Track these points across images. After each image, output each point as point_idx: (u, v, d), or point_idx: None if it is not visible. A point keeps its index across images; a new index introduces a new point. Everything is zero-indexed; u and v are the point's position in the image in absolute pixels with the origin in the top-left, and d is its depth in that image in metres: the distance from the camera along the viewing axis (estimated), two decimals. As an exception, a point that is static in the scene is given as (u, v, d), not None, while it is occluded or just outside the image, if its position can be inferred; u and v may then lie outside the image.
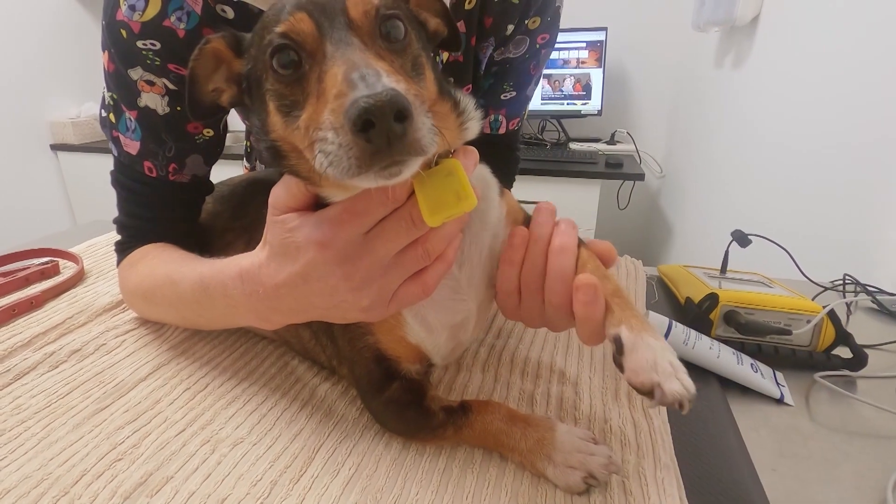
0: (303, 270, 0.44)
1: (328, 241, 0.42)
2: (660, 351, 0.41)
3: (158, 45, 0.58)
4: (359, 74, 0.34)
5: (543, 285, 0.48)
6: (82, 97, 2.88)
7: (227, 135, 0.73)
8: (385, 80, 0.33)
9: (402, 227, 0.42)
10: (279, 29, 0.39)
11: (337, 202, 0.44)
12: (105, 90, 0.65)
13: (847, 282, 0.83)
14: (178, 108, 0.63)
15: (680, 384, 0.39)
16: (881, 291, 0.80)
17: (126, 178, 0.67)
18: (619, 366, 0.42)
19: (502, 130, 0.86)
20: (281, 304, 0.48)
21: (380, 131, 0.32)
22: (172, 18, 0.57)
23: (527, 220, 0.56)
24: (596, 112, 2.46)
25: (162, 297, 0.63)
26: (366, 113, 0.31)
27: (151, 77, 0.60)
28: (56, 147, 2.82)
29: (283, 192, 0.45)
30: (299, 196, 0.45)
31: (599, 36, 2.39)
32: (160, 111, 0.62)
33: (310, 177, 0.43)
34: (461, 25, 0.72)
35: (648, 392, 0.40)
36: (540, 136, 2.59)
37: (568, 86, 2.47)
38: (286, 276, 0.45)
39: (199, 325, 0.68)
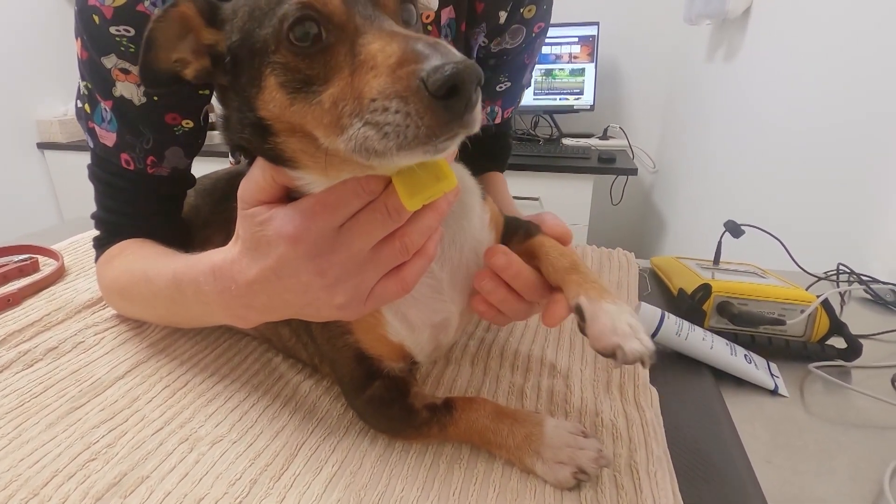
0: (275, 266, 0.42)
1: (300, 235, 0.40)
2: (618, 314, 0.43)
3: (132, 32, 0.56)
4: (425, 44, 0.32)
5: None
6: (69, 96, 2.83)
7: (216, 132, 0.71)
8: (454, 49, 0.32)
9: (378, 219, 0.40)
10: None
11: (309, 195, 0.41)
12: (80, 80, 0.63)
13: (841, 271, 0.82)
14: (155, 98, 0.61)
15: (639, 342, 0.41)
16: (875, 281, 0.79)
17: (103, 171, 0.65)
18: (584, 333, 0.44)
19: (498, 120, 0.85)
20: (254, 301, 0.46)
21: (463, 98, 0.31)
22: (146, 3, 0.55)
23: (507, 227, 0.56)
24: (588, 107, 2.45)
25: (137, 294, 0.61)
26: (454, 78, 0.30)
27: (126, 65, 0.58)
28: (43, 145, 2.79)
29: (251, 185, 0.43)
30: (268, 188, 0.42)
31: (591, 31, 2.38)
32: (136, 101, 0.60)
33: (298, 159, 0.40)
34: (450, 11, 0.70)
35: (611, 354, 0.41)
36: (533, 132, 2.58)
37: (560, 81, 2.46)
38: (258, 272, 0.43)
39: (175, 324, 0.66)
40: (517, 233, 0.55)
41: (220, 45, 0.42)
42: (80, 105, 0.65)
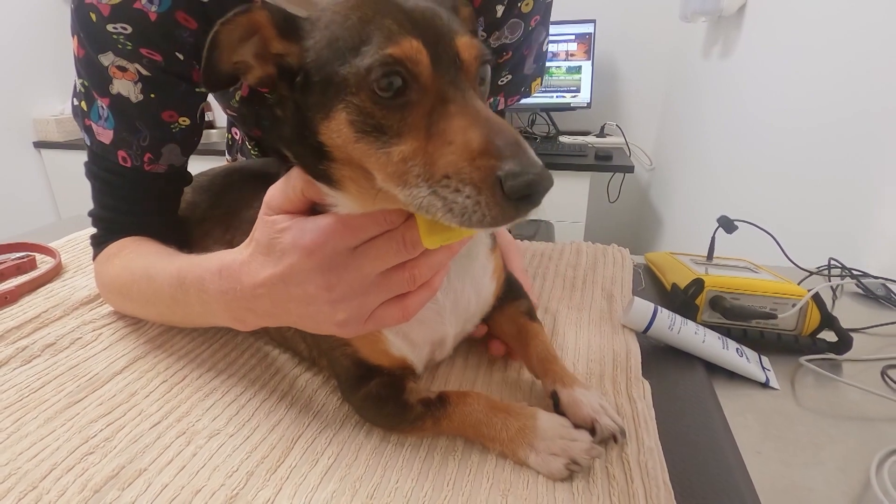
0: (284, 273, 0.43)
1: (315, 249, 0.41)
2: (591, 396, 0.50)
3: (129, 29, 0.57)
4: (507, 141, 0.34)
5: None
6: (66, 95, 2.83)
7: (214, 131, 0.72)
8: (532, 152, 0.34)
9: (393, 248, 0.41)
10: (390, 51, 0.36)
11: (332, 213, 0.42)
12: (76, 77, 0.64)
13: (832, 266, 0.82)
14: (152, 96, 0.61)
15: (610, 420, 0.48)
16: (866, 275, 0.80)
17: (100, 168, 0.65)
18: (560, 411, 0.50)
19: (501, 107, 0.86)
20: (256, 304, 0.46)
21: (533, 203, 0.34)
22: (143, 0, 0.56)
23: (508, 284, 0.62)
24: (585, 105, 2.45)
25: (138, 292, 0.61)
26: (531, 188, 0.32)
27: (123, 62, 0.59)
28: (39, 144, 2.78)
29: (279, 194, 0.44)
30: (295, 200, 0.43)
31: (588, 28, 2.39)
32: (133, 99, 0.61)
33: (345, 184, 0.41)
34: None
35: (590, 425, 0.47)
36: (530, 130, 2.58)
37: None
38: (266, 277, 0.44)
39: (174, 322, 0.67)
40: (519, 300, 0.62)
41: (290, 58, 0.41)
42: (76, 103, 0.65)
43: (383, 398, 0.50)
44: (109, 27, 0.56)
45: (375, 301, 0.43)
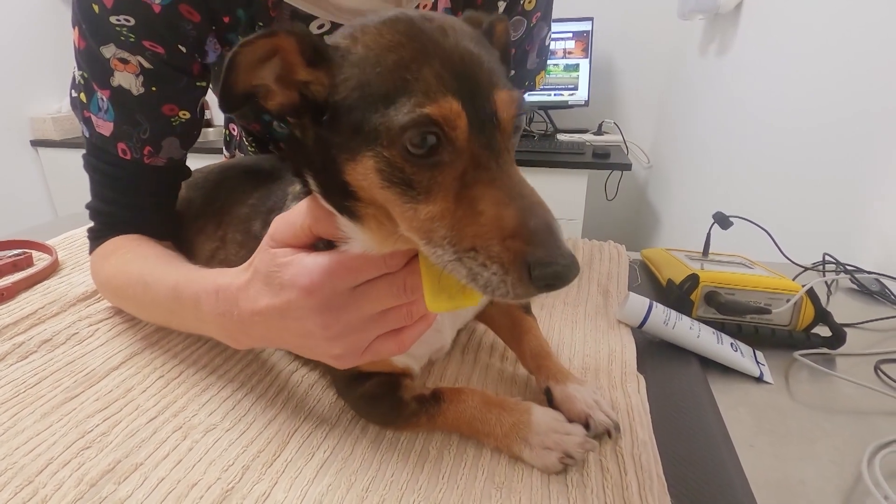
0: (282, 307, 0.42)
1: (314, 289, 0.41)
2: (583, 392, 0.51)
3: (132, 21, 0.57)
4: (539, 224, 0.33)
5: None
6: (63, 93, 2.82)
7: (212, 129, 0.72)
8: (564, 241, 0.33)
9: (393, 292, 0.41)
10: (428, 111, 0.33)
11: (333, 251, 0.42)
12: (76, 69, 0.64)
13: (827, 262, 0.83)
14: (154, 89, 0.61)
15: (604, 415, 0.49)
16: (860, 270, 0.80)
17: (99, 160, 0.65)
18: (554, 407, 0.51)
19: None
20: (252, 329, 0.46)
21: (556, 289, 0.33)
22: None
23: None
24: (583, 102, 2.45)
25: (133, 295, 0.61)
26: (558, 278, 0.32)
27: (125, 55, 0.59)
28: (36, 143, 2.77)
29: (286, 227, 0.43)
30: (301, 236, 0.43)
31: (586, 26, 2.38)
32: (134, 91, 0.60)
33: (367, 221, 0.40)
34: (445, 1, 0.71)
35: (584, 421, 0.48)
36: (527, 128, 2.58)
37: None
38: (264, 307, 0.43)
39: (169, 327, 0.66)
40: None
41: (316, 87, 0.38)
42: (74, 94, 0.65)
43: (379, 396, 0.51)
44: (112, 19, 0.56)
45: (372, 336, 0.43)
